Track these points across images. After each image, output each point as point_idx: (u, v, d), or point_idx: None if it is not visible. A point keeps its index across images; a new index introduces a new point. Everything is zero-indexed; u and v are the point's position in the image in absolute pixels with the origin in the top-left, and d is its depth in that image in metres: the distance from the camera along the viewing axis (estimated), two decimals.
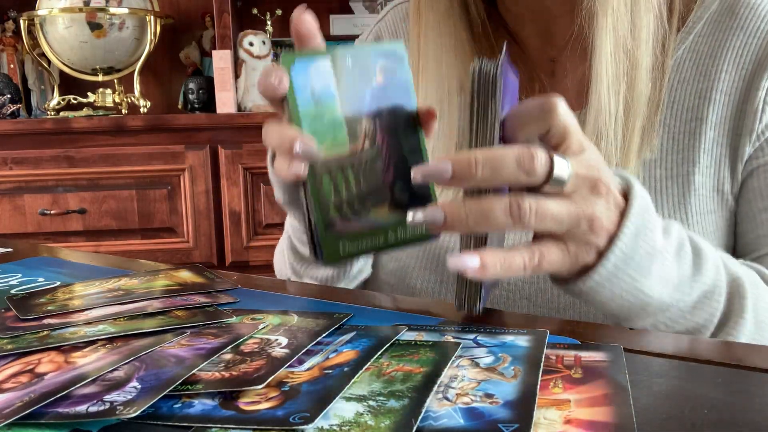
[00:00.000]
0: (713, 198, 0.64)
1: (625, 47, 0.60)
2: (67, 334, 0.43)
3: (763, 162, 0.63)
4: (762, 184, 0.63)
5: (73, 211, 1.89)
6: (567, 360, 0.38)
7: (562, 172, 0.42)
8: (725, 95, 0.63)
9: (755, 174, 0.63)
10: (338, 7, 2.29)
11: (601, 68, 0.60)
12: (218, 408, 0.33)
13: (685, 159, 0.64)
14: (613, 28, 0.59)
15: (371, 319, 0.47)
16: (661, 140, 0.64)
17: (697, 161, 0.63)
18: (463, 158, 0.41)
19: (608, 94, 0.60)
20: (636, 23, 0.60)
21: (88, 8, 2.00)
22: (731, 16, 0.65)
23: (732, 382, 0.36)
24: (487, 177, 0.41)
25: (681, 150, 0.64)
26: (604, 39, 0.59)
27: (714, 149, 0.64)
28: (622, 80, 0.60)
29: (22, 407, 0.32)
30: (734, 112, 0.63)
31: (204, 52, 2.27)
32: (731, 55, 0.64)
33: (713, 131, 0.63)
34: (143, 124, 1.90)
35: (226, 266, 1.92)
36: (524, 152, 0.41)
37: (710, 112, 0.63)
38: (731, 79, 0.64)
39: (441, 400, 0.33)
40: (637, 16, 0.60)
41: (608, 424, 0.31)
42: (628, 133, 0.61)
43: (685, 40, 0.66)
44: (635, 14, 0.60)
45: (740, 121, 0.63)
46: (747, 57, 0.63)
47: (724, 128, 0.63)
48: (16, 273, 0.62)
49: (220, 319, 0.45)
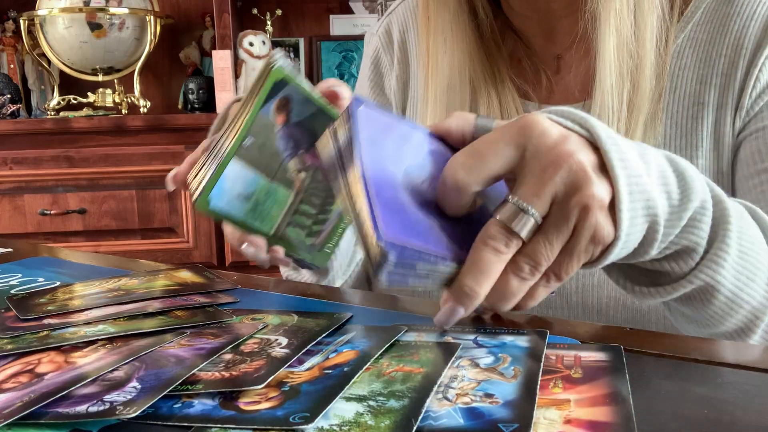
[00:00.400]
0: (718, 180, 0.64)
1: (628, 48, 0.60)
2: (67, 334, 0.43)
3: (749, 132, 0.63)
4: (747, 153, 0.63)
5: (73, 211, 1.89)
6: (567, 360, 0.38)
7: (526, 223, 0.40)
8: (725, 77, 0.64)
9: (742, 145, 0.63)
10: (338, 7, 2.30)
11: (604, 68, 0.60)
12: (218, 408, 0.33)
13: (688, 143, 0.64)
14: (616, 29, 0.60)
15: (371, 319, 0.47)
16: (665, 126, 0.64)
17: (700, 145, 0.64)
18: (463, 294, 0.41)
19: (611, 92, 0.60)
20: (639, 24, 0.61)
21: (88, 8, 2.00)
22: (728, 2, 0.65)
23: (732, 382, 0.36)
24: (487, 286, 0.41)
25: (684, 135, 0.64)
26: (607, 41, 0.60)
27: (716, 132, 0.64)
28: (626, 80, 0.61)
29: (22, 407, 0.32)
30: (736, 93, 0.64)
31: (204, 52, 2.27)
32: (730, 39, 0.64)
33: (714, 114, 0.64)
34: (143, 124, 1.90)
35: (226, 266, 1.92)
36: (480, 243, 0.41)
37: (711, 95, 0.64)
38: (731, 62, 0.64)
39: (441, 400, 0.33)
40: (640, 18, 0.61)
41: (608, 424, 0.31)
42: (630, 127, 0.61)
43: (684, 28, 0.66)
44: (638, 16, 0.61)
45: (738, 100, 0.63)
46: (746, 39, 0.64)
47: (726, 110, 0.64)
48: (16, 273, 0.62)
49: (220, 319, 0.45)
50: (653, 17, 0.61)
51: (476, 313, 0.47)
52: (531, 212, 0.40)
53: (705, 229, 0.47)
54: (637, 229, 0.43)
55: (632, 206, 0.42)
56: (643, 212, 0.43)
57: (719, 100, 0.64)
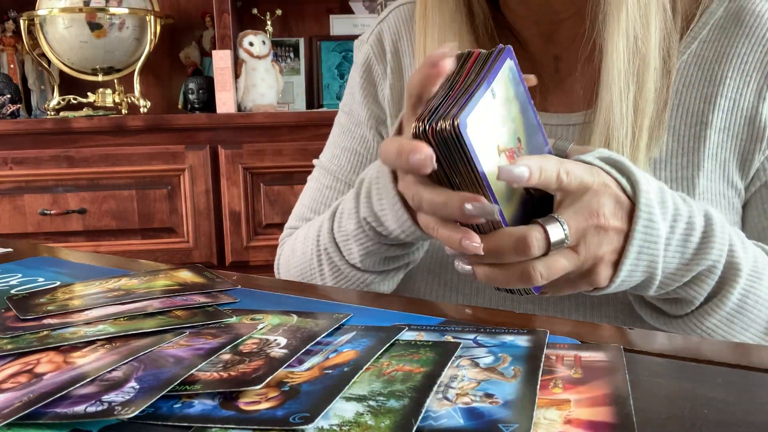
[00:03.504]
0: (718, 202, 0.64)
1: (636, 48, 0.60)
2: (67, 334, 0.43)
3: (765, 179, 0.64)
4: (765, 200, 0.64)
5: (73, 211, 1.89)
6: (567, 360, 0.38)
7: (558, 237, 0.46)
8: (730, 101, 0.63)
9: (763, 188, 0.64)
10: (338, 7, 2.30)
11: (612, 70, 0.59)
12: (218, 408, 0.33)
13: (689, 162, 0.64)
14: (626, 29, 0.59)
15: (371, 319, 0.46)
16: (667, 142, 0.64)
17: (702, 165, 0.63)
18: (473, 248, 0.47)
19: (620, 96, 0.60)
20: (647, 24, 0.60)
21: (88, 8, 2.00)
22: (737, 23, 0.65)
23: (732, 382, 0.36)
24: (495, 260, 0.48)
25: (686, 153, 0.64)
26: (617, 41, 0.59)
27: (719, 154, 0.64)
28: (632, 81, 0.60)
29: (21, 407, 0.32)
30: (742, 120, 0.63)
31: (204, 52, 2.27)
32: (736, 62, 0.64)
33: (718, 136, 0.63)
34: (143, 124, 1.90)
35: (226, 266, 1.92)
36: (519, 238, 0.46)
37: (715, 116, 0.63)
38: (736, 85, 0.64)
39: (441, 400, 0.33)
40: (648, 18, 0.60)
41: (608, 424, 0.31)
42: (637, 131, 0.61)
43: (691, 45, 0.65)
44: (647, 16, 0.60)
45: (751, 129, 0.63)
46: (752, 65, 0.63)
47: (730, 134, 0.64)
48: (16, 273, 0.62)
49: (220, 319, 0.45)
50: (660, 17, 0.61)
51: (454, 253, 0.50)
52: (566, 240, 0.47)
53: (706, 289, 0.54)
54: (634, 278, 0.51)
55: (636, 263, 0.49)
56: (644, 269, 0.50)
57: (723, 123, 0.64)
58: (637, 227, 0.48)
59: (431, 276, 0.69)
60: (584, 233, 0.47)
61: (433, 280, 0.69)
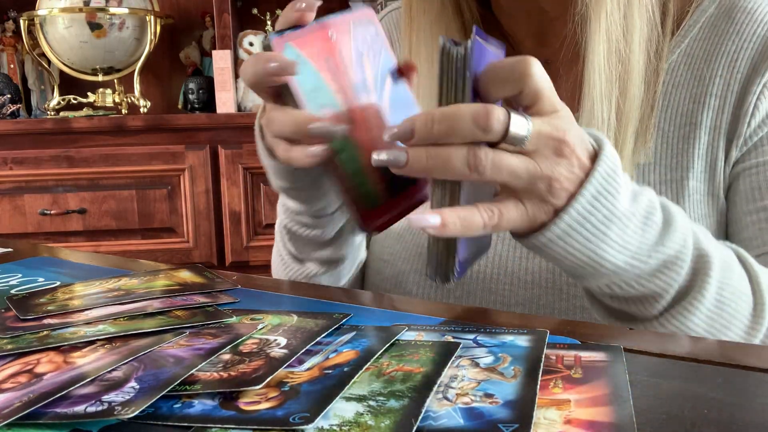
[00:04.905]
0: (708, 202, 0.63)
1: (618, 52, 0.59)
2: (67, 334, 0.43)
3: (748, 165, 0.62)
4: (747, 187, 0.62)
5: (73, 211, 1.89)
6: (567, 360, 0.38)
7: (520, 130, 0.42)
8: (719, 99, 0.63)
9: (740, 177, 0.63)
10: (338, 7, 2.29)
11: (593, 73, 0.59)
12: (218, 408, 0.33)
13: (679, 164, 0.63)
14: (606, 32, 0.58)
15: (371, 319, 0.46)
16: (656, 144, 0.63)
17: (691, 166, 0.63)
18: (422, 117, 0.42)
19: (600, 99, 0.59)
20: (629, 27, 0.59)
21: (88, 8, 2.00)
22: (728, 20, 0.64)
23: (732, 382, 0.36)
24: (443, 133, 0.42)
25: (675, 155, 0.63)
26: (597, 44, 0.58)
27: (709, 154, 0.63)
28: (615, 85, 0.59)
29: (21, 407, 0.32)
30: (729, 117, 0.63)
31: (204, 52, 2.27)
32: (726, 59, 0.63)
33: (708, 136, 0.63)
34: (143, 124, 1.90)
35: (226, 266, 1.92)
36: (480, 109, 0.41)
37: (704, 116, 0.63)
38: (725, 83, 0.63)
39: (441, 400, 0.33)
40: (630, 21, 0.59)
41: (608, 424, 0.31)
42: (620, 138, 0.60)
43: (681, 43, 0.65)
44: (629, 18, 0.59)
45: (734, 125, 0.62)
46: (742, 62, 0.63)
47: (719, 133, 0.63)
48: (16, 273, 0.62)
49: (220, 319, 0.45)
50: (643, 21, 0.60)
51: None
52: (526, 138, 0.42)
53: (677, 279, 0.49)
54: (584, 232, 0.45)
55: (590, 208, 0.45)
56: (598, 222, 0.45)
57: (713, 122, 0.63)
58: (599, 168, 0.45)
59: (423, 278, 0.69)
60: (546, 143, 0.43)
61: (425, 283, 0.69)
